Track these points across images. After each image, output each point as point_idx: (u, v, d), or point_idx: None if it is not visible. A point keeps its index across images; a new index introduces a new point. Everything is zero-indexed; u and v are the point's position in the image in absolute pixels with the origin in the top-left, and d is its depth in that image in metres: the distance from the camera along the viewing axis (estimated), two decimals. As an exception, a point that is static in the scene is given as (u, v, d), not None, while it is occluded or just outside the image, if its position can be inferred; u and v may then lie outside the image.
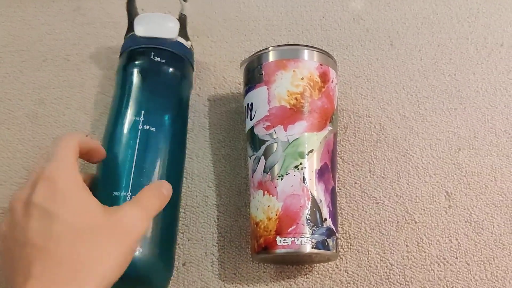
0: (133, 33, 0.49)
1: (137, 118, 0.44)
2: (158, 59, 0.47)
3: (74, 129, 0.53)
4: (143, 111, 0.44)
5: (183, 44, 0.50)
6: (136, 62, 0.47)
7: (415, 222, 0.48)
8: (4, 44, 0.59)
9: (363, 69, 0.56)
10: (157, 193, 0.38)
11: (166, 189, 0.39)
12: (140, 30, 0.49)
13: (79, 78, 0.57)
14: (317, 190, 0.43)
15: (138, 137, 0.43)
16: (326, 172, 0.44)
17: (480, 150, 0.51)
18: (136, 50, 0.48)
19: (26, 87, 0.56)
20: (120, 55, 0.49)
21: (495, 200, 0.49)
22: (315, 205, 0.42)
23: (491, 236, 0.47)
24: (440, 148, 0.51)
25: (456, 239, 0.47)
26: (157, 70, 0.47)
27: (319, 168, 0.43)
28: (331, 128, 0.45)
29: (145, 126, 0.43)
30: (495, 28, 0.58)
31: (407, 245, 0.47)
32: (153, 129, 0.43)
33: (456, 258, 0.47)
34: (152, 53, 0.47)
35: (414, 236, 0.48)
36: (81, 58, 0.58)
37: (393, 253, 0.47)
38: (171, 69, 0.48)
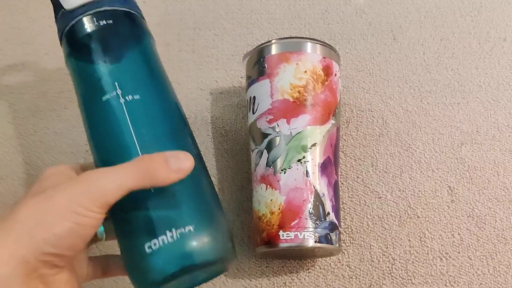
0: (62, 10, 0.40)
1: (114, 93, 0.37)
2: (105, 22, 0.39)
3: (76, 122, 0.53)
4: (116, 83, 0.37)
5: None
6: (82, 37, 0.39)
7: (418, 217, 0.48)
8: (6, 37, 0.59)
9: (366, 63, 0.56)
10: (145, 163, 0.33)
11: (176, 159, 0.33)
12: (69, 1, 0.40)
13: (81, 72, 0.56)
14: (320, 184, 0.43)
15: (126, 111, 0.36)
16: (329, 166, 0.44)
17: (483, 145, 0.51)
18: (76, 24, 0.39)
19: (28, 80, 0.56)
20: (61, 41, 0.41)
21: (497, 194, 0.49)
22: (318, 199, 0.42)
23: (494, 231, 0.47)
24: (443, 143, 0.51)
25: (459, 234, 0.47)
26: (109, 33, 0.39)
27: (322, 162, 0.43)
28: (334, 122, 0.45)
29: (127, 97, 0.36)
30: (498, 23, 0.58)
31: (409, 240, 0.47)
32: (137, 96, 0.37)
33: (459, 252, 0.47)
34: (95, 18, 0.39)
35: (417, 231, 0.48)
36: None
37: (396, 248, 0.47)
38: (123, 27, 0.40)
